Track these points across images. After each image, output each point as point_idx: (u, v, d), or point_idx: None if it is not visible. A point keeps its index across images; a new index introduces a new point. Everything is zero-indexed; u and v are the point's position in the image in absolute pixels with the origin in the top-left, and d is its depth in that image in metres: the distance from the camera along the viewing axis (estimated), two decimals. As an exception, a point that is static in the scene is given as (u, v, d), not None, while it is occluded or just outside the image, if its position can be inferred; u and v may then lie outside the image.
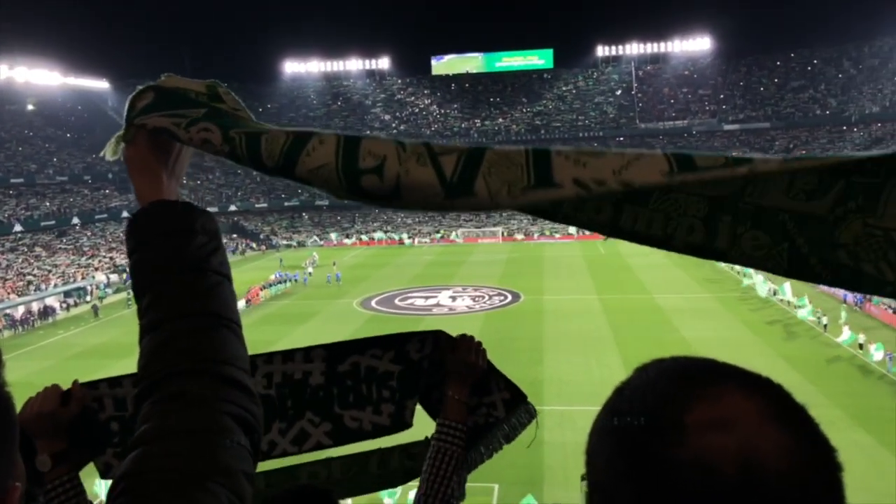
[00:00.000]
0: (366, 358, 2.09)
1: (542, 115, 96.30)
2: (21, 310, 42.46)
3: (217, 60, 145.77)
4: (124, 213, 67.10)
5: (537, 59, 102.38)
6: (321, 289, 46.44)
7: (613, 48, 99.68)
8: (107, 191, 74.50)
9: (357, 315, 38.30)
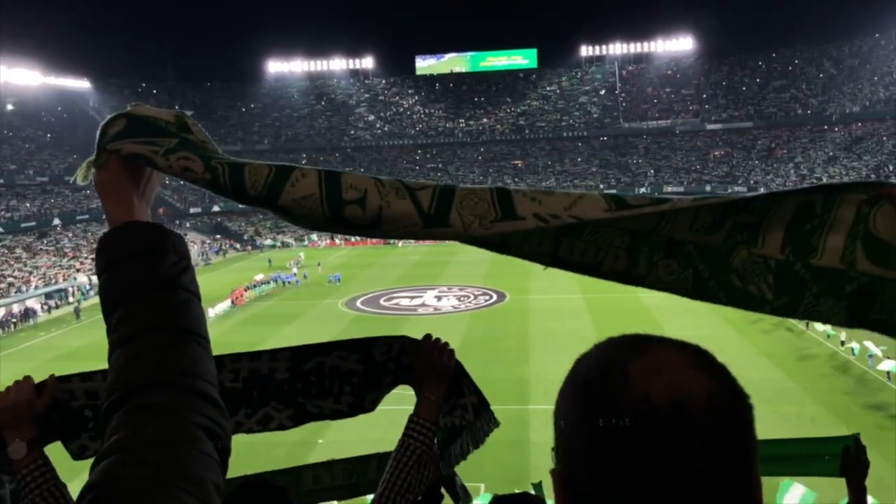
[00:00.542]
0: (331, 358, 2.16)
1: (527, 115, 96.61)
2: (1, 312, 41.91)
3: (200, 60, 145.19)
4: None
5: (521, 59, 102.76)
6: (306, 289, 46.31)
7: (597, 48, 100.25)
8: (88, 191, 73.58)
9: (342, 315, 38.19)
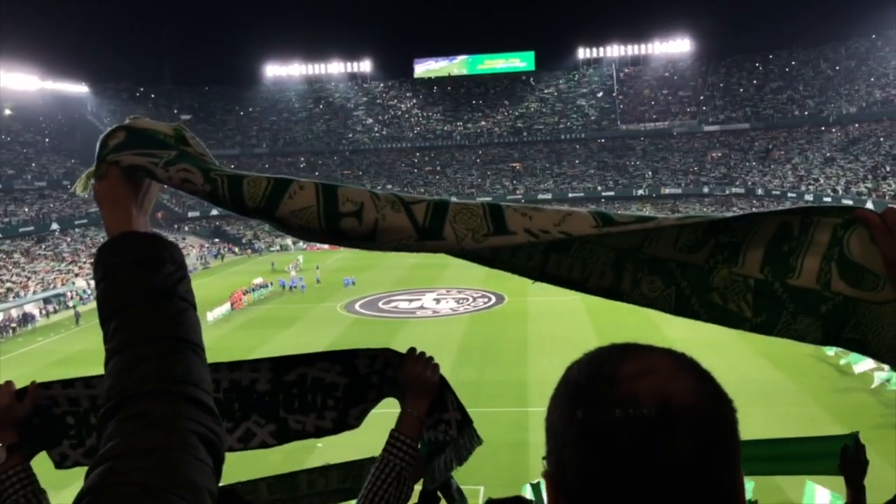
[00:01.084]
0: (314, 370, 2.12)
1: (525, 117, 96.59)
2: (0, 317, 41.88)
3: (197, 64, 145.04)
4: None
5: (519, 62, 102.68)
6: (307, 292, 46.33)
7: (594, 50, 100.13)
8: (86, 196, 73.37)
9: (341, 318, 38.12)
